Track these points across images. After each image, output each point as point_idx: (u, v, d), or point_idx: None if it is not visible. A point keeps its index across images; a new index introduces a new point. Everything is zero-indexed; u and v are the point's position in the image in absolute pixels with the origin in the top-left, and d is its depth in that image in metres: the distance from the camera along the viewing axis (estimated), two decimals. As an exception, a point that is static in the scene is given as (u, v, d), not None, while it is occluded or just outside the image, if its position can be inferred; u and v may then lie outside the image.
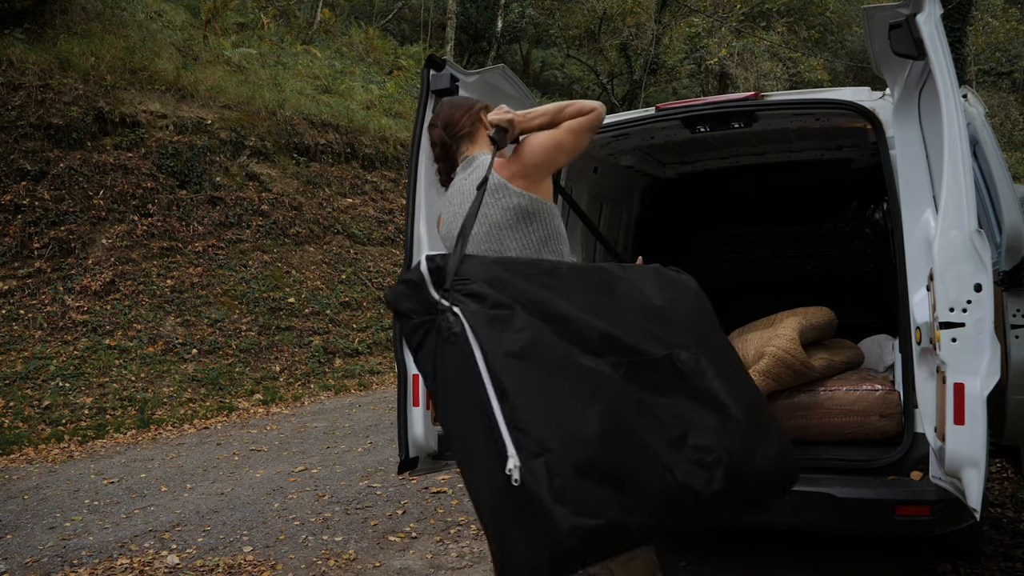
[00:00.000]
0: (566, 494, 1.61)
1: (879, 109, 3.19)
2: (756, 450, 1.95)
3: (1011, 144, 23.62)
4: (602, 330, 1.87)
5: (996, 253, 2.96)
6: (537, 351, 1.76)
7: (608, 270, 2.18)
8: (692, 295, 2.23)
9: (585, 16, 24.31)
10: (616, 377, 1.83)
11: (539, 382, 1.73)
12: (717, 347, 2.14)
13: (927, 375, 2.78)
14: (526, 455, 1.63)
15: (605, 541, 1.70)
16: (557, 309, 1.86)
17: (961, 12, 13.96)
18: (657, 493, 1.75)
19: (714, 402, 1.93)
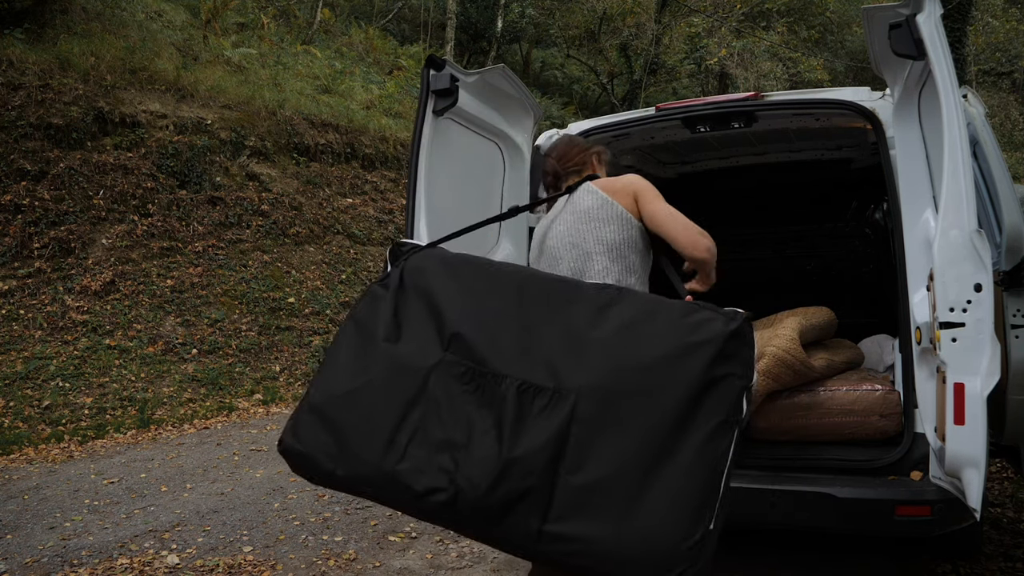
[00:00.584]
0: (296, 419, 2.13)
1: (879, 109, 3.19)
2: (539, 509, 1.86)
3: (1011, 144, 23.61)
4: (454, 331, 2.09)
5: (996, 253, 2.96)
6: (365, 323, 2.19)
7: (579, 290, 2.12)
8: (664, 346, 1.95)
9: (585, 16, 24.31)
10: (436, 369, 2.05)
11: (347, 342, 2.18)
12: (621, 403, 1.90)
13: (927, 375, 2.78)
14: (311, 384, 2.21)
15: (310, 469, 2.10)
16: (440, 306, 2.15)
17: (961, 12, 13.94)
18: (370, 464, 1.99)
19: (506, 435, 1.92)
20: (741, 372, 1.93)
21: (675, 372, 1.90)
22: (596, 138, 3.93)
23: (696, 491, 1.83)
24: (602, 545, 1.81)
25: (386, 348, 2.11)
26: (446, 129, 3.21)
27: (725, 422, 1.88)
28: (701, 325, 1.96)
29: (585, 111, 22.37)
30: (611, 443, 1.87)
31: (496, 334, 2.06)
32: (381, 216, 12.89)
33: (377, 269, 11.95)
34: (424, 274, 2.22)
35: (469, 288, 2.17)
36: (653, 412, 1.88)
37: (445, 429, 1.97)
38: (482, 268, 2.25)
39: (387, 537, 4.43)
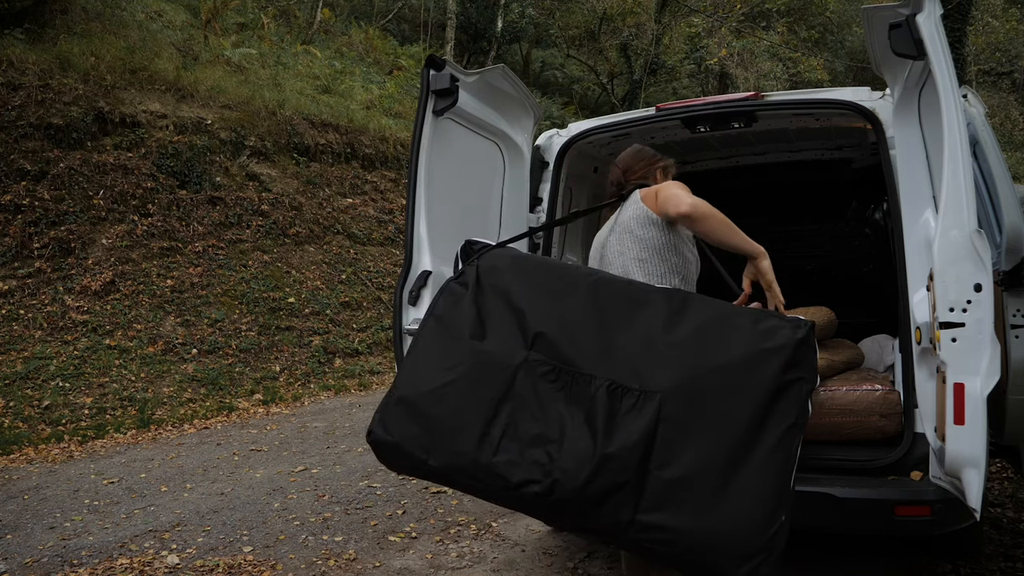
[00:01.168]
0: (384, 411, 2.24)
1: (879, 109, 3.19)
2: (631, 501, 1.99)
3: (1011, 144, 23.62)
4: (539, 330, 2.20)
5: (996, 253, 2.96)
6: (449, 320, 2.30)
7: (650, 296, 2.24)
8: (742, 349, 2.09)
9: (585, 16, 24.31)
10: (523, 367, 2.17)
11: (431, 339, 2.31)
12: (705, 403, 2.05)
13: (927, 375, 2.78)
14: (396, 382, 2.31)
15: (401, 458, 2.20)
16: (519, 304, 2.25)
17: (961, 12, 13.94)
18: (465, 456, 2.10)
19: (600, 432, 2.04)
20: (808, 376, 2.09)
21: (751, 377, 2.05)
22: (595, 138, 3.93)
23: (770, 489, 1.99)
24: (689, 536, 1.96)
25: (472, 345, 2.22)
26: (446, 129, 3.21)
27: (794, 425, 2.04)
28: (772, 332, 2.10)
29: (585, 111, 22.37)
30: (695, 442, 2.01)
31: (577, 334, 2.18)
32: (381, 216, 12.89)
33: (377, 269, 11.96)
34: (500, 273, 2.33)
35: (546, 288, 2.28)
36: (731, 415, 2.02)
37: (537, 424, 2.09)
38: (554, 269, 2.41)
39: (387, 537, 4.43)
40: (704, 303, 2.23)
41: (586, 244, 4.54)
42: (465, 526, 4.57)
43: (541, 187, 3.82)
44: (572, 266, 2.44)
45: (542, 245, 3.79)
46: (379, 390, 9.53)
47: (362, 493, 5.28)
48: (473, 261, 2.38)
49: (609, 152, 4.38)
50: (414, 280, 3.02)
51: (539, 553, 4.10)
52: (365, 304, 11.23)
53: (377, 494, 5.25)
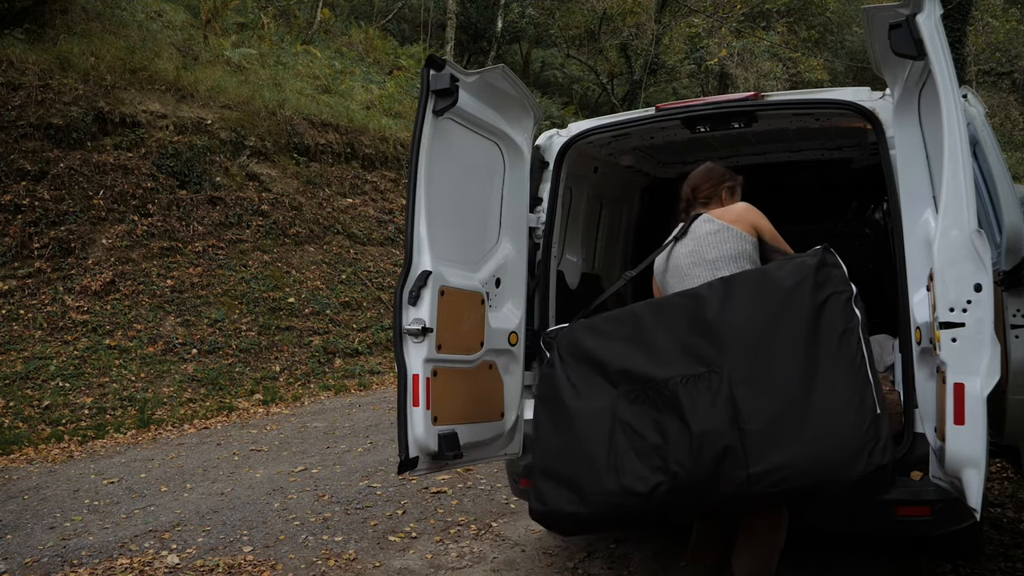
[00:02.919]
0: (535, 487, 2.69)
1: (879, 109, 3.19)
2: (739, 460, 2.30)
3: (1011, 144, 23.62)
4: (618, 367, 2.64)
5: (996, 253, 2.96)
6: (550, 397, 2.79)
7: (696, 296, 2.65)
8: (779, 297, 2.46)
9: (585, 16, 24.30)
10: (617, 403, 2.58)
11: (543, 416, 2.80)
12: (772, 355, 2.38)
13: (927, 375, 2.78)
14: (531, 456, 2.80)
15: (560, 520, 2.65)
16: (597, 357, 2.71)
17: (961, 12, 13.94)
18: (600, 491, 2.48)
19: (688, 419, 2.39)
20: (840, 288, 2.48)
21: (788, 314, 2.41)
22: (595, 138, 3.93)
23: (848, 387, 2.28)
24: (799, 464, 2.22)
25: (574, 406, 2.66)
26: (446, 129, 3.20)
27: (846, 329, 2.39)
28: (793, 270, 2.50)
29: (585, 111, 22.36)
30: (767, 388, 2.33)
31: (648, 352, 2.60)
32: (381, 216, 12.89)
33: (377, 269, 11.96)
34: (576, 343, 2.82)
35: (614, 335, 2.74)
36: (786, 351, 2.36)
37: (644, 439, 2.46)
38: (618, 316, 2.87)
39: (387, 537, 4.43)
40: (735, 277, 2.64)
41: (586, 244, 4.53)
42: (465, 526, 4.57)
43: (541, 187, 3.82)
44: (630, 307, 2.89)
45: (542, 246, 3.78)
46: (379, 390, 9.54)
47: (362, 493, 5.28)
48: (555, 345, 2.91)
49: (609, 152, 4.37)
50: (414, 280, 3.02)
51: (539, 553, 4.10)
52: (365, 304, 11.24)
53: (377, 494, 5.25)
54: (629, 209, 5.04)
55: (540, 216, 3.78)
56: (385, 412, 8.02)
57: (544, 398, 2.80)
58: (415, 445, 2.99)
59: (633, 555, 3.97)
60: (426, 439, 2.98)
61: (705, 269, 2.91)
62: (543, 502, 2.61)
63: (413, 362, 2.99)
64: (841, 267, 2.54)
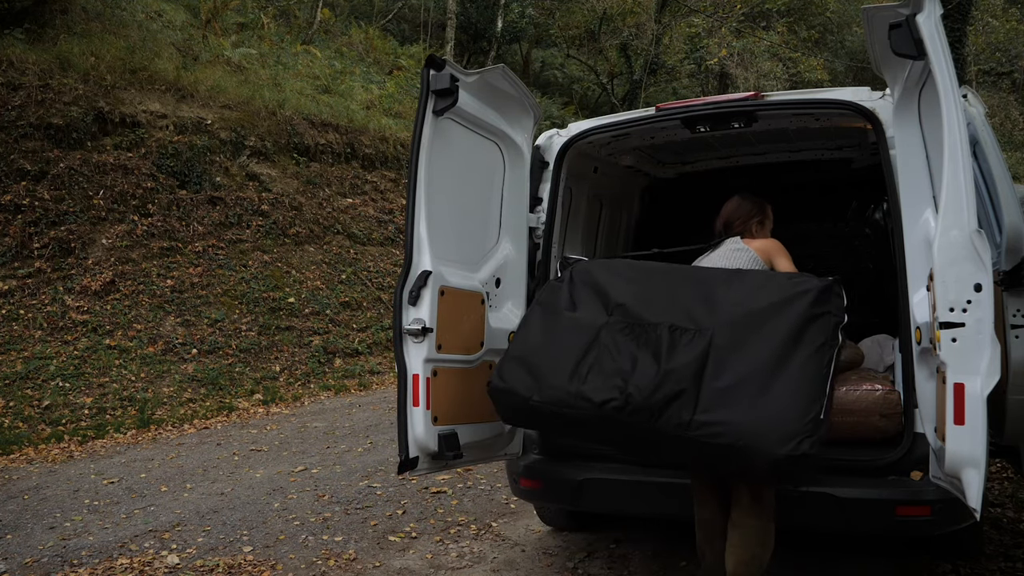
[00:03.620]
0: (501, 366, 2.93)
1: (879, 109, 3.19)
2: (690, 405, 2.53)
3: (1011, 144, 23.61)
4: (618, 302, 2.88)
5: (996, 253, 2.96)
6: (548, 303, 3.03)
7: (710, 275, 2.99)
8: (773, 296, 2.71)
9: (585, 16, 24.30)
10: (605, 326, 2.82)
11: (535, 317, 3.03)
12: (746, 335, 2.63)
13: (927, 375, 2.78)
14: None
15: (511, 399, 2.83)
16: (603, 287, 2.96)
17: (961, 12, 13.93)
18: (559, 388, 2.70)
19: (661, 359, 2.65)
20: (835, 312, 2.68)
21: (786, 311, 2.64)
22: (595, 138, 3.93)
23: (807, 386, 2.49)
24: (740, 425, 2.44)
25: (567, 314, 2.92)
26: (446, 129, 3.21)
27: (825, 343, 2.59)
28: (803, 283, 2.76)
29: (585, 111, 22.36)
30: (742, 359, 2.57)
31: (649, 300, 2.85)
32: (381, 216, 12.89)
33: (377, 269, 11.96)
34: (589, 271, 3.06)
35: (626, 276, 3.01)
36: (771, 337, 2.59)
37: (615, 362, 2.68)
38: (635, 263, 3.17)
39: (387, 537, 4.43)
40: (751, 273, 2.96)
41: (586, 244, 4.53)
42: (465, 526, 4.57)
43: (541, 187, 3.82)
44: (650, 264, 3.15)
45: (542, 246, 3.78)
46: (379, 390, 9.53)
47: (362, 493, 5.28)
48: (569, 268, 3.13)
49: (609, 152, 4.37)
50: (414, 280, 3.02)
51: (539, 553, 4.10)
52: (365, 304, 11.24)
53: (377, 494, 5.25)
54: (629, 209, 5.04)
55: (540, 216, 3.78)
56: (385, 412, 8.03)
57: (542, 303, 3.04)
58: (415, 445, 2.99)
59: (633, 555, 3.97)
60: (426, 439, 2.98)
61: None
62: (502, 379, 2.83)
63: (413, 362, 2.99)
64: (843, 298, 2.74)
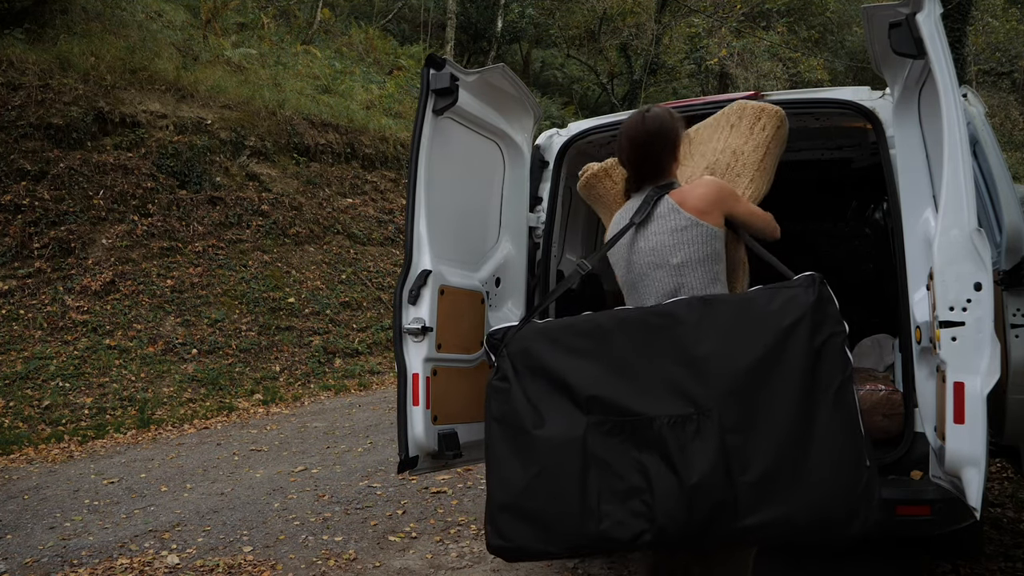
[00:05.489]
0: (492, 521, 2.35)
1: (879, 108, 3.18)
2: (746, 512, 2.11)
3: (1011, 144, 23.60)
4: (591, 393, 2.28)
5: (996, 252, 2.96)
6: (508, 420, 2.38)
7: (673, 315, 2.29)
8: (772, 333, 2.18)
9: (585, 16, 24.30)
10: (588, 434, 2.26)
11: (500, 443, 2.39)
12: (762, 397, 2.14)
13: (927, 374, 2.78)
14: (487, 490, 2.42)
15: (525, 555, 2.39)
16: (561, 376, 2.34)
17: (961, 12, 13.93)
18: (575, 534, 2.23)
19: (679, 466, 2.14)
20: (836, 328, 2.23)
21: (785, 358, 2.15)
22: (595, 138, 3.92)
23: (846, 443, 2.12)
24: (794, 520, 2.09)
25: (538, 435, 2.32)
26: (446, 128, 3.20)
27: (843, 381, 2.16)
28: (787, 305, 2.21)
29: (585, 111, 22.36)
30: (761, 439, 2.12)
31: (623, 382, 2.27)
32: (381, 216, 12.89)
33: (377, 269, 11.96)
34: (530, 353, 2.41)
35: (577, 351, 2.35)
36: (781, 400, 2.14)
37: (623, 480, 2.20)
38: (579, 328, 2.42)
39: (387, 537, 4.43)
40: (720, 303, 2.30)
41: (586, 243, 4.53)
42: (465, 526, 4.57)
43: (541, 187, 3.81)
44: (593, 319, 2.44)
45: (542, 246, 3.78)
46: (379, 390, 9.53)
47: (362, 493, 5.28)
48: (503, 351, 2.46)
49: (609, 152, 4.37)
50: (414, 279, 3.02)
51: (539, 553, 4.09)
52: (365, 304, 11.24)
53: (377, 494, 5.25)
54: None
55: (540, 215, 3.78)
56: (385, 412, 8.02)
57: (501, 419, 2.39)
58: (415, 444, 2.99)
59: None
60: (426, 438, 2.98)
61: (667, 274, 2.51)
62: (503, 537, 2.34)
63: (413, 361, 2.98)
64: (835, 303, 2.29)
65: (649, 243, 2.55)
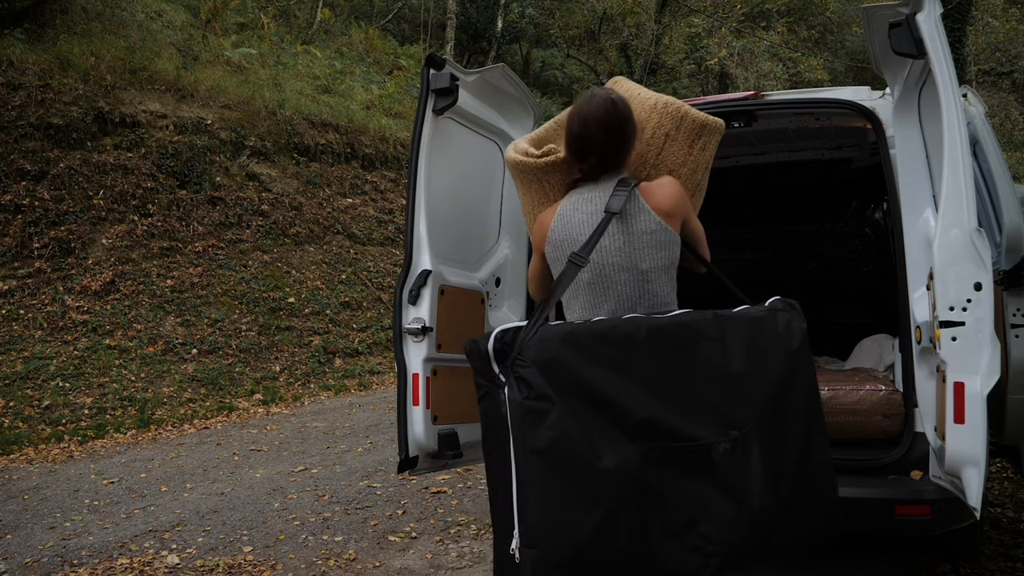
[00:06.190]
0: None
1: (879, 108, 3.18)
2: (777, 531, 2.10)
3: (1011, 144, 23.61)
4: (642, 416, 1.94)
5: (996, 252, 2.96)
6: (558, 451, 1.87)
7: (692, 326, 2.09)
8: (785, 355, 2.15)
9: (585, 16, 24.32)
10: (638, 464, 1.93)
11: (551, 481, 1.86)
12: (784, 417, 2.13)
13: (927, 374, 2.78)
14: (523, 543, 1.85)
15: None
16: (605, 395, 1.93)
17: (961, 12, 13.92)
18: None
19: (737, 493, 2.01)
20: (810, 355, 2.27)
21: (796, 378, 2.19)
22: None
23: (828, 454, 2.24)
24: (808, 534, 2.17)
25: (601, 469, 1.90)
26: (446, 128, 3.20)
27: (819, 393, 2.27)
28: (790, 327, 2.22)
29: (585, 111, 22.33)
30: (787, 456, 2.14)
31: (664, 402, 1.99)
32: (381, 216, 12.89)
33: (377, 269, 11.96)
34: (565, 366, 1.94)
35: (609, 363, 1.98)
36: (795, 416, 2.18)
37: (680, 513, 1.97)
38: (606, 335, 2.03)
39: (387, 537, 4.43)
40: (734, 318, 2.17)
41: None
42: (465, 526, 4.57)
43: None
44: (619, 326, 2.07)
45: None
46: (379, 390, 9.53)
47: (362, 493, 5.28)
48: (527, 358, 1.91)
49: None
50: (414, 279, 3.02)
51: (539, 553, 4.09)
52: (365, 304, 11.24)
53: (377, 494, 5.25)
54: None
55: None
56: (385, 412, 8.02)
57: (546, 451, 1.87)
58: (415, 444, 2.99)
59: None
60: (426, 438, 2.98)
61: (632, 279, 2.29)
62: None
63: (413, 361, 2.98)
64: None
65: (615, 242, 2.29)
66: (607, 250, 2.29)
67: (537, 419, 1.88)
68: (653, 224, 2.28)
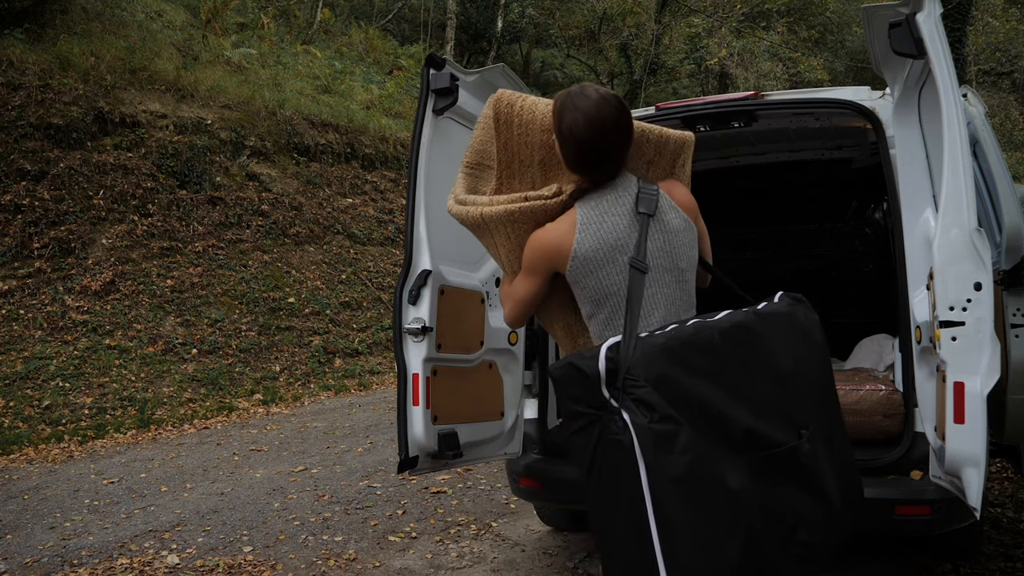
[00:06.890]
0: None
1: (879, 108, 3.19)
2: (849, 528, 2.11)
3: (1011, 144, 23.62)
4: (746, 425, 1.85)
5: (996, 252, 2.96)
6: (696, 475, 1.75)
7: (747, 326, 1.98)
8: (817, 348, 2.08)
9: (585, 16, 24.33)
10: (750, 480, 1.83)
11: (695, 511, 1.75)
12: (828, 410, 2.07)
13: (927, 374, 2.78)
14: None
15: None
16: (715, 407, 1.84)
17: (961, 12, 13.93)
18: None
19: (821, 492, 1.95)
20: None
21: (828, 371, 2.14)
22: None
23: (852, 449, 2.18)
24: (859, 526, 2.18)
25: (735, 490, 1.82)
26: (446, 128, 3.20)
27: None
28: (810, 320, 2.12)
29: (585, 111, 22.34)
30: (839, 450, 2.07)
31: (752, 408, 1.91)
32: (381, 216, 12.89)
33: (377, 269, 11.96)
34: (678, 383, 1.83)
35: (702, 372, 1.87)
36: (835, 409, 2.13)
37: (781, 522, 1.89)
38: (693, 342, 1.92)
39: (387, 537, 4.43)
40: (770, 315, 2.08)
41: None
42: (465, 526, 4.57)
43: None
44: (700, 330, 1.95)
45: None
46: (379, 390, 9.54)
47: (362, 493, 5.28)
48: (638, 376, 1.79)
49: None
50: (414, 279, 3.02)
51: (539, 553, 4.10)
52: (365, 304, 11.24)
53: (377, 494, 5.25)
54: None
55: None
56: (385, 412, 8.02)
57: (684, 479, 1.74)
58: (415, 444, 2.99)
59: None
60: (426, 438, 2.98)
61: (674, 279, 2.16)
62: None
63: (413, 361, 2.98)
64: None
65: (656, 243, 2.12)
66: (652, 252, 2.12)
67: (669, 443, 1.75)
68: (683, 222, 2.18)
